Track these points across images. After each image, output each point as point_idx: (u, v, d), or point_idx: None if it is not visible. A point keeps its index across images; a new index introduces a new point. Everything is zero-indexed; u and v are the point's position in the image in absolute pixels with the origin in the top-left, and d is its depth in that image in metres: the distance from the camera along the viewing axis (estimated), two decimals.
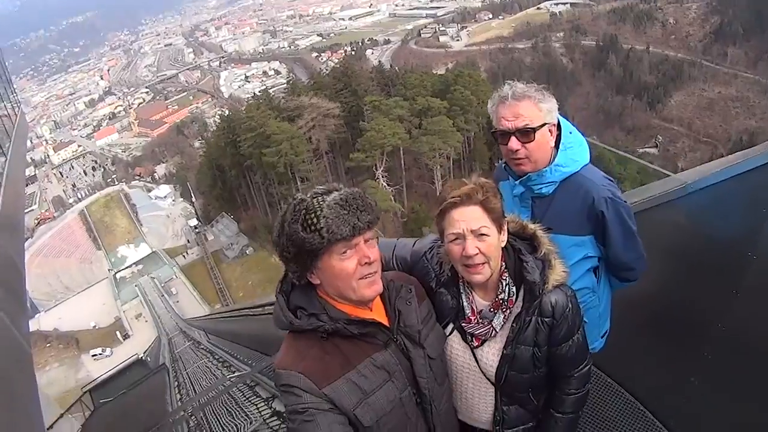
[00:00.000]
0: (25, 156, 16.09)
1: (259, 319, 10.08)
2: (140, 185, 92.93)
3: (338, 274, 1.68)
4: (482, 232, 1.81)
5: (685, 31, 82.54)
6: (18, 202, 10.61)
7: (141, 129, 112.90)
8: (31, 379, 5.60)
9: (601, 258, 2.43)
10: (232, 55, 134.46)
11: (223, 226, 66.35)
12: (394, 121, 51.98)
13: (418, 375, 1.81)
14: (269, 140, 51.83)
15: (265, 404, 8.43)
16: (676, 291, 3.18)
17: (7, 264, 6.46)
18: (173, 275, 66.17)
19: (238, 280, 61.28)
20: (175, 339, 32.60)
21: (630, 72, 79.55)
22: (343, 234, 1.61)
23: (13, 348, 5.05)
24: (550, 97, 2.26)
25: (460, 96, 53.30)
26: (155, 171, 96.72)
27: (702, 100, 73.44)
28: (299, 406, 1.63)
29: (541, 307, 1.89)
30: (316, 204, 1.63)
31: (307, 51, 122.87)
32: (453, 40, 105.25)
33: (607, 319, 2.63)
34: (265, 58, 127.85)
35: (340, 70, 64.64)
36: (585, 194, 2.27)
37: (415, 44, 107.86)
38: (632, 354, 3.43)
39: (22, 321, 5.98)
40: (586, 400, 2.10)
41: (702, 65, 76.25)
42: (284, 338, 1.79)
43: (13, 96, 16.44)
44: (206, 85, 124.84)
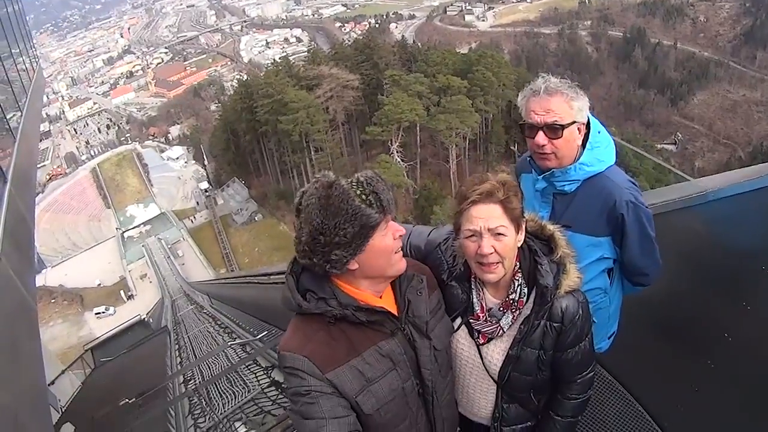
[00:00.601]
0: (41, 112, 16.24)
1: (263, 287, 10.03)
2: (153, 145, 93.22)
3: (383, 251, 1.68)
4: (499, 231, 1.78)
5: (715, 30, 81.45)
6: (31, 157, 10.69)
7: (158, 89, 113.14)
8: (35, 335, 5.58)
9: (616, 260, 2.41)
10: (255, 19, 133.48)
11: (233, 191, 66.55)
12: (413, 96, 51.86)
13: (422, 366, 1.81)
14: (286, 108, 51.81)
15: (264, 373, 8.56)
16: (686, 297, 3.12)
17: (18, 219, 6.44)
18: (180, 237, 66.80)
19: (245, 245, 61.70)
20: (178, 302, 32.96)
21: (655, 66, 78.81)
22: (392, 208, 1.65)
23: (18, 303, 5.07)
24: (582, 96, 2.22)
25: (481, 77, 53.04)
26: (169, 132, 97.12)
27: (725, 102, 72.82)
28: (302, 388, 1.63)
29: (551, 311, 1.87)
30: (360, 182, 1.63)
31: (331, 20, 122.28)
32: (478, 20, 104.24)
33: (615, 320, 2.64)
34: (287, 25, 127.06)
35: (363, 42, 64.40)
36: (607, 196, 2.25)
37: (439, 21, 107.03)
38: (637, 355, 3.45)
39: (28, 277, 6.00)
40: (586, 406, 2.09)
41: (729, 66, 75.47)
42: (291, 320, 1.77)
43: (32, 51, 16.46)
44: (226, 48, 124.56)
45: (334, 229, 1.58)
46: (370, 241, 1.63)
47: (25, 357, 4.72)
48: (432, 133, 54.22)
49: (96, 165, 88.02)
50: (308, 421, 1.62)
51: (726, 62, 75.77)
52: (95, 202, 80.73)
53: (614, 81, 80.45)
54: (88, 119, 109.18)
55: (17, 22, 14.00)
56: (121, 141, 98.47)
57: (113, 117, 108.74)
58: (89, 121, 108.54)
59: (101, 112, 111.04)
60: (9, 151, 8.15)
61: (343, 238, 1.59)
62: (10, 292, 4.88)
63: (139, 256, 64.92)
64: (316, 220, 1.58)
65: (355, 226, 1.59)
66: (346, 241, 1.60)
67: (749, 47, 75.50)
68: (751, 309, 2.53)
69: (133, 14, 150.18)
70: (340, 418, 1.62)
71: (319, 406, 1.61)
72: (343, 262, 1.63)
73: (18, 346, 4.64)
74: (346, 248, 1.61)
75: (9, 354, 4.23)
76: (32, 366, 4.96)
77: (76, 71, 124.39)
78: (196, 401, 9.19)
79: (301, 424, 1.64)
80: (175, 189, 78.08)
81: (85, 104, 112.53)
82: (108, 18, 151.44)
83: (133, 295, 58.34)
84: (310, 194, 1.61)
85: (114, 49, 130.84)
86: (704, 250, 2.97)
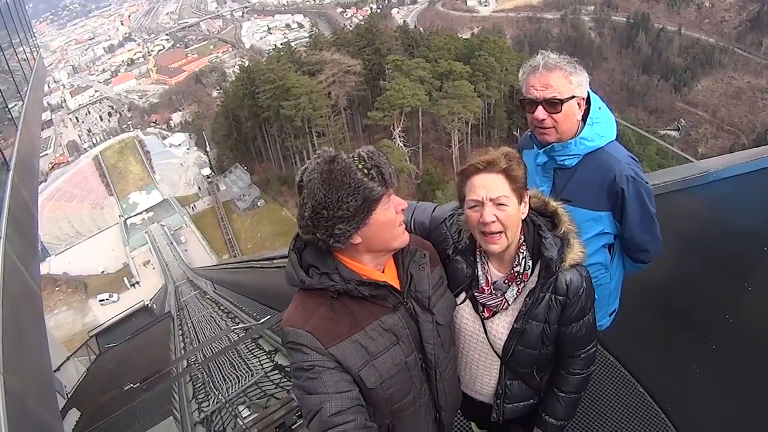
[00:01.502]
0: (42, 101, 16.27)
1: (266, 272, 10.08)
2: (155, 132, 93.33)
3: (387, 224, 1.68)
4: (502, 201, 1.79)
5: (720, 16, 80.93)
6: (33, 145, 10.74)
7: (159, 76, 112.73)
8: (40, 322, 5.63)
9: (617, 236, 2.43)
10: (256, 5, 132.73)
11: (236, 176, 66.51)
12: (415, 82, 51.67)
13: (425, 340, 1.81)
14: (288, 93, 51.70)
15: (267, 357, 8.60)
16: (686, 278, 3.10)
17: (22, 208, 6.51)
18: (183, 224, 67.06)
19: (248, 231, 61.87)
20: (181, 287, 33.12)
21: (659, 52, 78.41)
22: (393, 181, 1.66)
23: (23, 290, 5.15)
24: (581, 71, 2.24)
25: (483, 62, 52.71)
26: (171, 119, 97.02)
27: (730, 88, 72.47)
28: (305, 363, 1.64)
29: (556, 284, 1.88)
30: (361, 156, 1.64)
31: (332, 6, 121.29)
32: (481, 5, 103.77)
33: (616, 298, 2.65)
34: (288, 10, 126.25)
35: (364, 28, 63.91)
36: (607, 170, 2.26)
37: (442, 6, 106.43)
38: (638, 337, 3.47)
39: (33, 264, 6.07)
40: (588, 381, 2.11)
41: (734, 53, 75.07)
42: (294, 295, 1.77)
43: (32, 40, 16.44)
44: (228, 34, 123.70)
45: (337, 203, 1.58)
46: (372, 215, 1.64)
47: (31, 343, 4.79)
48: (434, 119, 54.09)
49: (98, 153, 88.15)
50: (311, 396, 1.62)
51: (731, 49, 75.32)
52: (98, 190, 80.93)
53: (617, 67, 79.97)
54: (90, 107, 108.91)
55: (17, 11, 13.95)
56: (123, 128, 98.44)
57: (115, 105, 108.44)
58: (91, 109, 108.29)
59: (103, 100, 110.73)
60: (11, 139, 8.21)
61: (346, 212, 1.59)
62: (15, 278, 4.91)
63: (142, 242, 65.18)
64: (318, 195, 1.59)
65: (357, 200, 1.59)
66: (349, 214, 1.60)
67: (755, 34, 75.05)
68: (753, 290, 2.53)
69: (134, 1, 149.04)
70: (343, 392, 1.62)
71: (322, 381, 1.61)
72: (347, 236, 1.63)
73: (24, 332, 4.70)
74: (349, 222, 1.61)
75: (15, 340, 4.26)
76: (38, 352, 5.02)
77: (76, 60, 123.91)
78: (200, 385, 9.21)
79: (305, 398, 1.64)
80: (177, 176, 78.22)
81: (87, 92, 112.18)
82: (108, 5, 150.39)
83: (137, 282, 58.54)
84: (312, 170, 1.61)
85: (115, 37, 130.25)
86: (705, 230, 2.97)
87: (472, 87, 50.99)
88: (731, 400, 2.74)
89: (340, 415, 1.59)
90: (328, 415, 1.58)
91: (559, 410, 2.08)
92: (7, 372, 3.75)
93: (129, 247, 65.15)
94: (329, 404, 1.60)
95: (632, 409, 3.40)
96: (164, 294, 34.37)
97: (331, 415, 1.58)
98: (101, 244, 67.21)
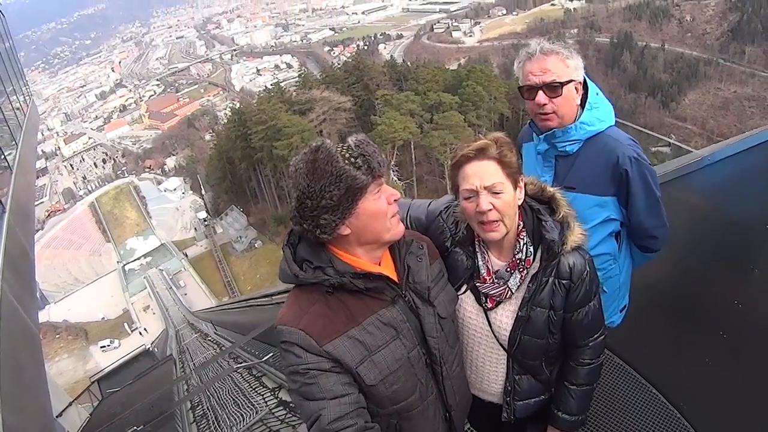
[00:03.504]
0: (36, 146, 16.45)
1: (266, 309, 10.10)
2: (150, 177, 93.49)
3: (376, 214, 1.63)
4: (497, 189, 1.77)
5: (702, 28, 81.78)
6: (29, 189, 10.78)
7: (152, 121, 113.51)
8: (40, 363, 5.59)
9: (623, 224, 2.41)
10: (244, 48, 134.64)
11: (232, 219, 66.58)
12: (405, 115, 52.01)
13: (427, 334, 1.76)
14: (280, 133, 51.88)
15: (271, 394, 8.54)
16: (690, 269, 3.08)
17: (20, 252, 6.53)
18: (181, 268, 66.70)
19: (246, 273, 61.57)
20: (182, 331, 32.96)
21: (644, 70, 79.14)
22: (380, 171, 1.61)
23: (22, 331, 5.18)
24: (576, 55, 2.27)
25: (472, 91, 53.23)
26: (165, 163, 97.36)
27: (717, 100, 72.97)
28: (299, 366, 1.59)
29: (559, 268, 1.85)
30: (348, 145, 1.61)
31: (320, 45, 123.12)
32: (466, 35, 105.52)
33: (626, 292, 2.61)
34: (277, 51, 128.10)
35: (352, 64, 64.66)
36: (609, 153, 2.25)
37: (427, 39, 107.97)
38: (643, 335, 3.37)
39: (30, 305, 6.10)
40: (600, 372, 2.06)
41: (718, 64, 75.62)
42: (289, 294, 1.74)
43: (25, 88, 16.63)
44: (218, 78, 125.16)
45: (320, 192, 1.56)
46: (360, 205, 1.61)
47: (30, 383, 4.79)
48: (426, 151, 54.13)
49: (94, 199, 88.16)
50: (309, 402, 1.58)
51: (715, 60, 75.92)
52: (95, 237, 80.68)
53: (604, 87, 75.98)
54: (84, 154, 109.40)
55: (10, 60, 14.20)
56: (118, 175, 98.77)
57: (109, 151, 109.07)
58: (85, 156, 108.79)
59: (96, 147, 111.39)
60: (6, 183, 8.31)
61: (330, 201, 1.57)
62: (13, 318, 4.92)
63: (141, 288, 64.74)
64: (302, 184, 1.58)
65: (340, 189, 1.56)
66: (333, 204, 1.57)
67: (737, 43, 75.50)
68: (759, 271, 2.49)
69: (123, 48, 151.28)
70: (341, 397, 1.58)
71: (319, 386, 1.57)
72: (332, 226, 1.61)
73: (23, 372, 4.69)
74: (333, 212, 1.59)
75: (15, 379, 4.24)
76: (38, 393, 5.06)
77: (69, 107, 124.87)
78: (205, 425, 9.26)
79: (302, 405, 1.61)
80: (173, 220, 78.12)
81: (80, 139, 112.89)
82: (98, 53, 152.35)
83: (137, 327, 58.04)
84: (299, 160, 1.60)
85: (106, 84, 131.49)
86: (705, 216, 2.96)
87: (462, 117, 51.32)
88: (747, 388, 2.63)
89: (340, 421, 1.55)
90: (327, 422, 1.55)
91: (572, 404, 2.02)
92: (6, 411, 3.70)
93: (128, 292, 64.62)
94: (328, 411, 1.56)
95: (647, 413, 3.28)
96: (165, 338, 34.29)
97: (331, 421, 1.55)
98: (100, 290, 66.67)
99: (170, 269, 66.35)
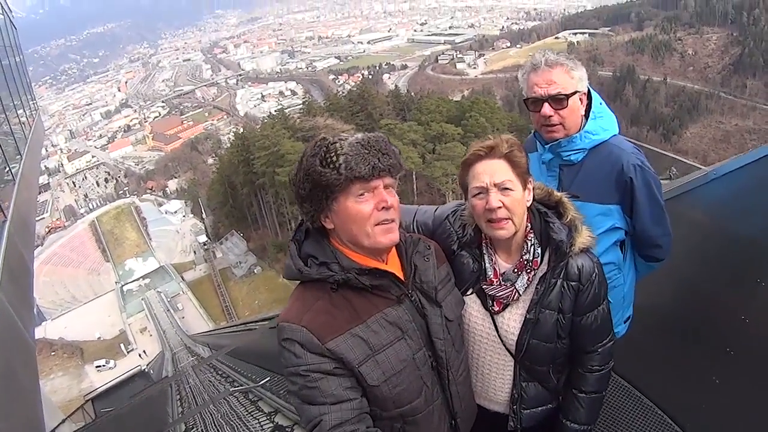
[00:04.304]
0: (40, 161, 16.55)
1: (264, 333, 9.98)
2: (151, 199, 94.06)
3: (354, 217, 1.58)
4: (506, 186, 1.77)
5: (704, 62, 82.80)
6: (31, 204, 10.88)
7: (155, 143, 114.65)
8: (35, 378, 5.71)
9: (628, 233, 2.38)
10: (250, 73, 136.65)
11: (232, 244, 66.39)
12: (408, 145, 52.06)
13: (434, 335, 1.72)
14: (283, 159, 51.91)
15: (267, 419, 8.35)
16: (695, 285, 3.01)
17: (19, 262, 6.57)
18: (180, 291, 66.38)
19: (245, 298, 61.13)
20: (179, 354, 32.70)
21: (646, 103, 79.91)
22: (361, 173, 1.53)
23: (15, 339, 5.09)
24: (581, 66, 2.26)
25: (475, 123, 53.36)
26: (167, 185, 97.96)
27: (718, 133, 73.54)
28: (300, 368, 1.54)
29: (568, 269, 1.83)
30: (338, 141, 1.56)
31: (325, 73, 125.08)
32: (470, 67, 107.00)
33: (630, 303, 2.57)
34: (282, 78, 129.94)
35: (357, 93, 65.16)
36: (614, 161, 2.25)
37: (432, 70, 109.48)
38: (647, 353, 3.30)
39: (26, 315, 6.12)
40: (609, 379, 2.01)
41: (719, 97, 76.49)
42: (293, 291, 1.70)
43: (32, 103, 16.76)
44: (222, 102, 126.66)
45: (298, 183, 1.59)
46: (339, 202, 1.57)
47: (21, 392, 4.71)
48: (428, 181, 54.29)
49: (95, 218, 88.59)
50: (310, 407, 1.54)
51: (716, 93, 76.77)
52: (94, 255, 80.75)
53: None
54: (87, 172, 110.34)
55: (18, 74, 14.36)
56: (119, 194, 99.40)
57: (111, 170, 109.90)
58: (88, 174, 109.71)
59: (99, 166, 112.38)
60: (9, 194, 8.28)
61: (302, 191, 1.59)
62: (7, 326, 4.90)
63: (138, 309, 64.27)
64: (293, 172, 1.61)
65: (308, 183, 1.56)
66: (305, 194, 1.59)
67: (739, 76, 76.50)
68: (766, 284, 2.41)
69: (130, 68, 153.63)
70: (343, 402, 1.54)
71: (320, 390, 1.53)
72: (311, 215, 1.62)
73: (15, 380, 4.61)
74: (310, 202, 1.60)
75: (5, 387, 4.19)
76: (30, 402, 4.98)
77: (74, 124, 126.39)
78: None
79: (303, 408, 1.56)
80: (173, 242, 78.14)
81: (84, 157, 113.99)
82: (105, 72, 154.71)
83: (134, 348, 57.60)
84: None
85: (112, 103, 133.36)
86: (710, 231, 2.92)
87: (464, 148, 51.11)
88: (757, 408, 2.52)
89: (341, 427, 1.51)
90: (328, 428, 1.51)
91: (580, 413, 1.96)
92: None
93: (126, 313, 64.19)
94: (329, 416, 1.51)
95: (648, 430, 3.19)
96: (161, 360, 33.97)
97: (332, 427, 1.51)
98: (98, 309, 66.21)
99: (168, 292, 66.01)
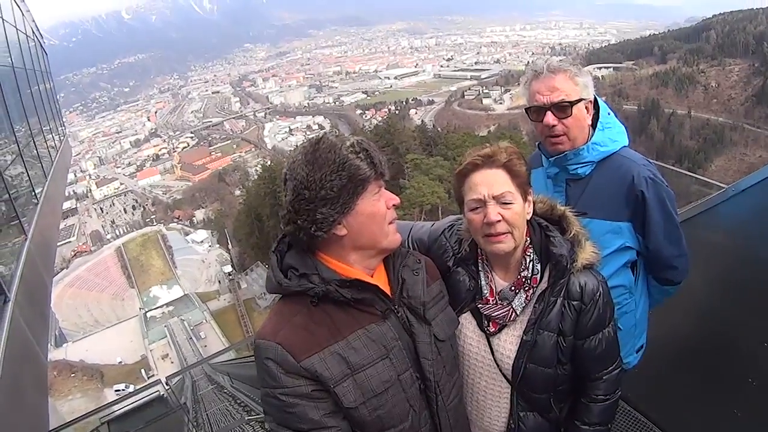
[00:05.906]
0: (65, 184, 16.59)
1: None
2: (178, 228, 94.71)
3: (375, 216, 1.53)
4: (506, 198, 1.65)
5: (727, 94, 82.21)
6: (53, 224, 10.77)
7: (183, 173, 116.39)
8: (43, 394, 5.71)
9: (640, 253, 2.21)
10: (278, 107, 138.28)
11: (257, 275, 66.39)
12: (434, 180, 52.29)
13: (421, 355, 1.58)
14: None
15: None
16: (714, 309, 2.84)
17: (37, 280, 6.55)
18: (203, 319, 66.13)
19: None
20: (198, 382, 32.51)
21: (671, 137, 79.46)
22: (383, 169, 1.53)
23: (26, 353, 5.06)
24: (585, 72, 2.15)
25: None
26: (194, 215, 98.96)
27: (743, 165, 72.31)
28: (276, 390, 1.45)
29: (569, 287, 1.69)
30: (351, 142, 1.51)
31: (352, 107, 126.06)
32: (496, 102, 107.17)
33: (644, 331, 2.38)
34: (309, 112, 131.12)
35: (383, 128, 65.71)
36: (624, 173, 2.10)
37: (458, 106, 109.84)
38: (663, 384, 3.07)
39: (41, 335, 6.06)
40: (615, 411, 1.86)
41: (743, 129, 76.01)
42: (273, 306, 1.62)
43: (61, 128, 16.92)
44: (250, 134, 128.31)
45: (320, 182, 1.45)
46: (359, 201, 1.50)
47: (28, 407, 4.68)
48: None
49: (121, 244, 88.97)
50: (286, 431, 1.46)
51: (740, 125, 76.36)
52: (119, 281, 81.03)
53: None
54: (115, 199, 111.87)
55: (48, 99, 14.59)
56: (146, 222, 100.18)
57: (139, 198, 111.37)
58: (115, 201, 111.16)
59: (127, 193, 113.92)
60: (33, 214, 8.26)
61: (330, 192, 1.45)
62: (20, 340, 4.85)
63: (161, 336, 64.07)
64: (300, 174, 1.46)
65: (343, 178, 1.45)
66: (333, 195, 1.46)
67: (762, 107, 75.97)
68: None
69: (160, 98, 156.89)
70: (321, 429, 1.45)
71: (296, 416, 1.44)
72: (330, 221, 1.48)
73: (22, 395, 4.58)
74: (333, 204, 1.47)
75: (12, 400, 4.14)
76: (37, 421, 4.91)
77: (103, 151, 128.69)
78: None
79: (277, 431, 1.47)
80: (198, 272, 78.31)
81: (112, 184, 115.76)
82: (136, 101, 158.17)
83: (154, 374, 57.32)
84: (297, 152, 1.51)
85: (141, 132, 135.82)
86: (731, 250, 2.76)
87: None
88: None
89: None
90: None
91: None
92: None
93: (148, 339, 63.98)
94: None
95: None
96: (181, 386, 33.79)
97: None
98: (120, 334, 66.10)
99: (192, 320, 65.78)
